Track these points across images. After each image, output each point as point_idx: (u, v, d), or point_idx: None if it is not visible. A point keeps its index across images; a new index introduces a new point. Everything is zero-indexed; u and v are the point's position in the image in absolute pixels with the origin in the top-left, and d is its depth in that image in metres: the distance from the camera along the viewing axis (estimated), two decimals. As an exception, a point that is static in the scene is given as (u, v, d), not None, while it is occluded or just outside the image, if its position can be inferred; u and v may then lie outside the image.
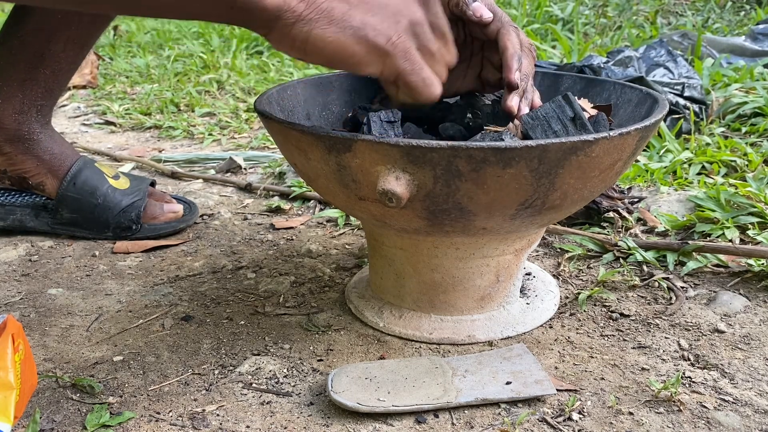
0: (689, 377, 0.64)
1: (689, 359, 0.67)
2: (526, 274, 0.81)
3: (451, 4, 0.71)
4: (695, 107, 1.33)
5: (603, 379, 0.64)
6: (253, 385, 0.64)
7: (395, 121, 0.67)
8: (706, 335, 0.71)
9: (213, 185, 1.23)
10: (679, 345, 0.69)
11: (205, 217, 1.07)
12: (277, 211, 1.09)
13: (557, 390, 0.62)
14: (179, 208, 1.01)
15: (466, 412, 0.60)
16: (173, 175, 1.28)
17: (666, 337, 0.71)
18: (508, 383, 0.61)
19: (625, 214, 0.96)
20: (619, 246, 0.88)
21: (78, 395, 0.63)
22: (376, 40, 0.54)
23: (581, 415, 0.59)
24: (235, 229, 1.03)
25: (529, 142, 0.54)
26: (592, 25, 2.49)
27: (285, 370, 0.66)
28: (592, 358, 0.68)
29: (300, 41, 0.52)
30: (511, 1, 2.72)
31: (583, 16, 2.56)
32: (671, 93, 1.31)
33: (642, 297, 0.79)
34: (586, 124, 0.63)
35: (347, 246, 0.95)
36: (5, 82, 0.92)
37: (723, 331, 0.72)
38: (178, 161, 1.36)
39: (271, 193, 1.17)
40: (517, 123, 0.66)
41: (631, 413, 0.59)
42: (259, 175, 1.28)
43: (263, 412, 0.60)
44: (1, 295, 0.82)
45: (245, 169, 1.31)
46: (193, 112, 1.76)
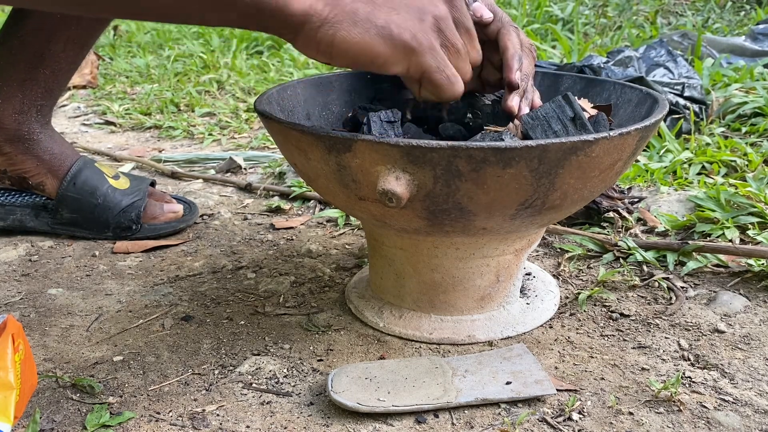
0: (689, 377, 0.64)
1: (689, 359, 0.67)
2: (526, 274, 0.81)
3: None
4: (695, 107, 1.33)
5: (603, 379, 0.64)
6: (253, 385, 0.64)
7: (395, 121, 0.67)
8: (706, 335, 0.71)
9: (213, 185, 1.23)
10: (679, 345, 0.69)
11: (205, 217, 1.07)
12: (277, 211, 1.09)
13: (557, 390, 0.62)
14: (179, 208, 1.01)
15: (466, 412, 0.60)
16: (173, 175, 1.28)
17: (666, 337, 0.71)
18: (508, 383, 0.61)
19: (625, 214, 0.96)
20: (619, 246, 0.88)
21: (78, 395, 0.63)
22: (402, 39, 0.53)
23: (581, 415, 0.59)
24: (235, 229, 1.02)
25: (529, 142, 0.54)
26: (592, 25, 2.49)
27: (285, 370, 0.66)
28: (592, 358, 0.68)
29: (325, 44, 0.52)
30: (511, 1, 2.72)
31: (583, 16, 2.56)
32: (671, 93, 1.31)
33: (642, 297, 0.79)
34: (586, 124, 0.63)
35: (347, 246, 0.95)
36: (5, 82, 0.92)
37: (723, 331, 0.72)
38: (178, 161, 1.36)
39: (271, 193, 1.17)
40: (517, 123, 0.66)
41: (631, 413, 0.59)
42: (259, 175, 1.28)
43: (263, 412, 0.60)
44: (1, 295, 0.82)
45: (245, 169, 1.31)
46: (193, 112, 1.76)
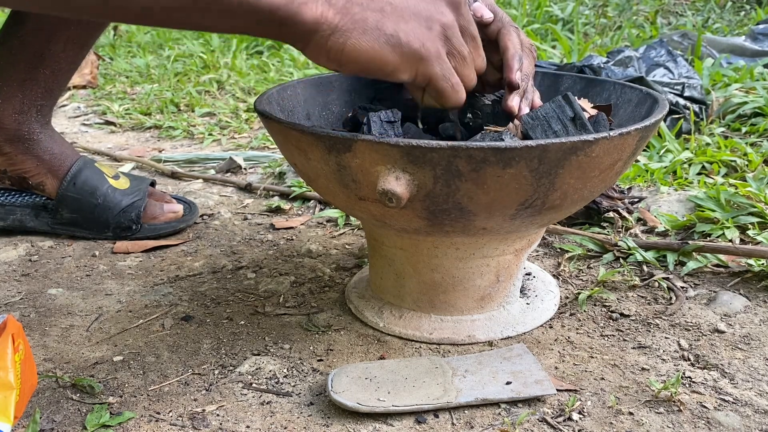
0: (689, 377, 0.64)
1: (689, 359, 0.67)
2: (526, 274, 0.81)
3: None
4: (695, 107, 1.33)
5: (603, 379, 0.64)
6: (253, 385, 0.64)
7: (395, 121, 0.67)
8: (706, 335, 0.71)
9: (213, 185, 1.23)
10: (679, 345, 0.69)
11: (205, 217, 1.07)
12: (277, 211, 1.09)
13: (557, 390, 0.62)
14: (179, 208, 1.01)
15: (466, 412, 0.60)
16: (173, 175, 1.28)
17: (666, 337, 0.71)
18: (508, 383, 0.61)
19: (625, 214, 0.96)
20: (619, 246, 0.88)
21: (78, 395, 0.63)
22: (411, 47, 0.54)
23: (581, 415, 0.59)
24: (235, 229, 1.02)
25: (529, 142, 0.54)
26: (592, 25, 2.49)
27: (285, 370, 0.66)
28: (592, 358, 0.68)
29: (336, 52, 0.52)
30: (511, 1, 2.72)
31: (583, 16, 2.56)
32: (671, 93, 1.31)
33: (642, 297, 0.79)
34: (586, 124, 0.63)
35: (347, 246, 0.95)
36: (5, 82, 0.92)
37: (723, 331, 0.72)
38: (178, 161, 1.36)
39: (271, 193, 1.17)
40: (517, 123, 0.66)
41: (631, 413, 0.59)
42: (259, 175, 1.28)
43: (263, 412, 0.60)
44: (1, 295, 0.82)
45: (245, 169, 1.31)
46: (193, 112, 1.76)
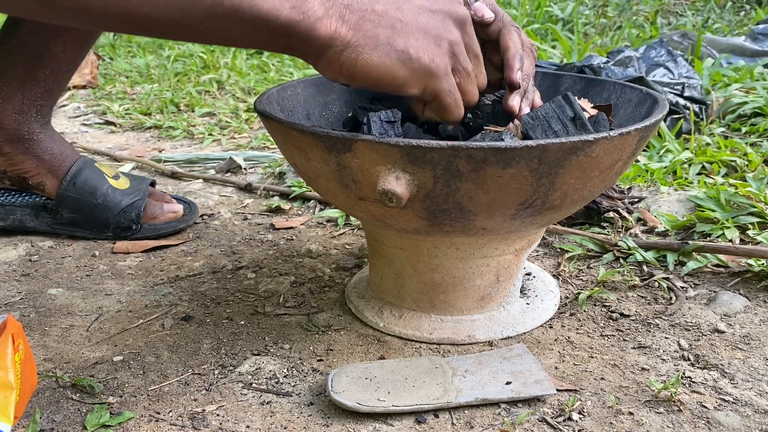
0: (689, 377, 0.64)
1: (689, 359, 0.67)
2: (526, 274, 0.81)
3: None
4: (695, 107, 1.33)
5: (603, 379, 0.64)
6: (253, 385, 0.64)
7: (395, 121, 0.67)
8: (706, 335, 0.71)
9: (213, 185, 1.23)
10: (679, 345, 0.69)
11: (205, 217, 1.07)
12: (277, 211, 1.09)
13: (557, 390, 0.62)
14: (179, 208, 1.01)
15: (466, 412, 0.60)
16: (173, 175, 1.28)
17: (666, 337, 0.71)
18: (508, 383, 0.61)
19: (625, 214, 0.96)
20: (619, 246, 0.88)
21: (78, 395, 0.63)
22: (421, 62, 0.55)
23: (581, 415, 0.59)
24: (235, 229, 1.02)
25: (529, 142, 0.54)
26: (592, 25, 2.49)
27: (285, 370, 0.66)
28: (592, 358, 0.68)
29: (348, 67, 0.54)
30: (511, 1, 2.72)
31: (583, 16, 2.56)
32: (671, 93, 1.31)
33: (642, 297, 0.79)
34: (586, 124, 0.63)
35: (347, 246, 0.95)
36: (5, 83, 0.92)
37: (723, 331, 0.72)
38: (178, 161, 1.36)
39: (271, 193, 1.17)
40: (517, 123, 0.66)
41: (631, 413, 0.59)
42: (259, 175, 1.28)
43: (263, 412, 0.60)
44: (1, 295, 0.82)
45: (245, 169, 1.31)
46: (193, 112, 1.76)
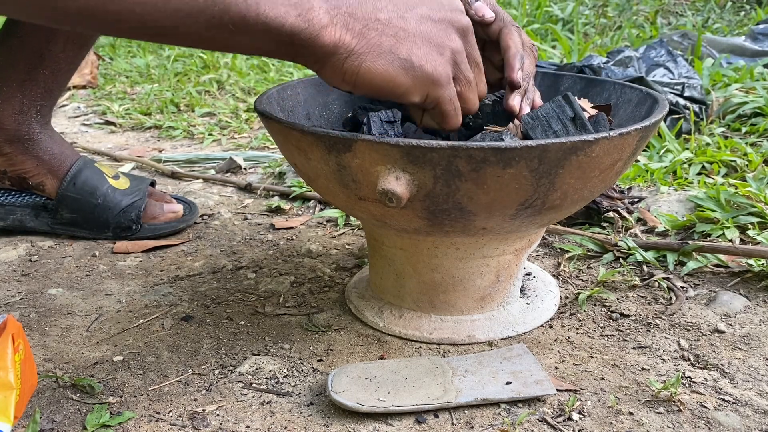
0: (689, 377, 0.64)
1: (689, 359, 0.67)
2: (526, 274, 0.81)
3: None
4: (695, 107, 1.33)
5: (603, 379, 0.64)
6: (253, 385, 0.64)
7: (395, 121, 0.67)
8: (706, 335, 0.71)
9: (213, 185, 1.23)
10: (679, 345, 0.69)
11: (205, 217, 1.07)
12: (277, 211, 1.09)
13: (557, 390, 0.62)
14: (179, 208, 1.01)
15: (466, 412, 0.60)
16: (173, 175, 1.28)
17: (666, 337, 0.71)
18: (508, 383, 0.61)
19: (625, 214, 0.96)
20: (619, 246, 0.88)
21: (78, 395, 0.63)
22: (424, 71, 0.55)
23: (581, 415, 0.59)
24: (235, 229, 1.02)
25: (529, 142, 0.54)
26: (592, 25, 2.49)
27: (285, 370, 0.66)
28: (592, 358, 0.68)
29: (351, 74, 0.54)
30: (511, 1, 2.72)
31: (583, 16, 2.56)
32: (671, 93, 1.31)
33: (642, 297, 0.79)
34: (586, 124, 0.63)
35: (347, 246, 0.95)
36: (5, 83, 0.92)
37: (723, 331, 0.72)
38: (178, 161, 1.36)
39: (271, 193, 1.17)
40: (517, 123, 0.66)
41: (631, 413, 0.59)
42: (259, 175, 1.28)
43: (263, 412, 0.60)
44: (1, 295, 0.82)
45: (245, 169, 1.31)
46: (193, 112, 1.76)
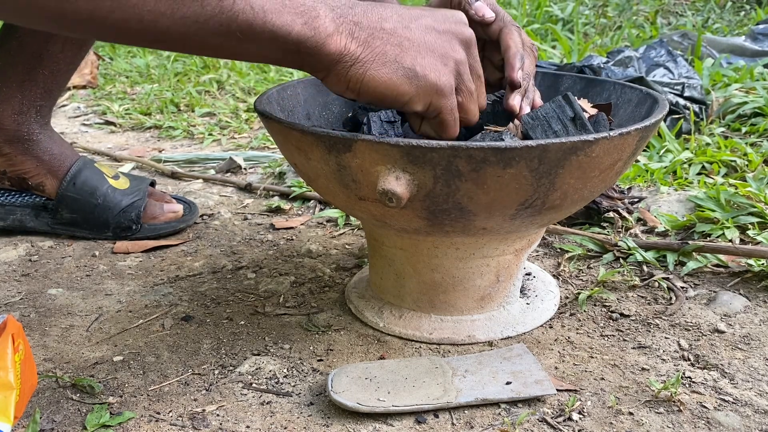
0: (689, 377, 0.64)
1: (689, 359, 0.67)
2: (526, 274, 0.81)
3: (453, 3, 0.71)
4: (695, 107, 1.33)
5: (603, 379, 0.64)
6: (253, 385, 0.64)
7: (395, 121, 0.67)
8: (706, 335, 0.71)
9: (213, 185, 1.23)
10: (679, 345, 0.69)
11: (205, 217, 1.07)
12: (277, 211, 1.09)
13: (557, 390, 0.62)
14: (179, 208, 1.01)
15: (466, 412, 0.60)
16: (173, 175, 1.28)
17: (666, 337, 0.71)
18: (508, 383, 0.61)
19: (625, 214, 0.96)
20: (619, 246, 0.88)
21: (78, 395, 0.63)
22: (428, 80, 0.56)
23: (581, 415, 0.59)
24: (235, 229, 1.02)
25: (529, 142, 0.54)
26: (592, 25, 2.49)
27: (285, 370, 0.66)
28: (592, 358, 0.68)
29: (355, 82, 0.54)
30: (511, 1, 2.72)
31: (583, 16, 2.56)
32: (671, 93, 1.31)
33: (642, 297, 0.79)
34: (586, 124, 0.63)
35: (347, 246, 0.95)
36: (4, 83, 0.92)
37: (723, 331, 0.72)
38: (178, 161, 1.36)
39: (271, 193, 1.17)
40: (517, 123, 0.66)
41: (631, 413, 0.59)
42: (259, 175, 1.28)
43: (263, 412, 0.60)
44: (1, 295, 0.82)
45: (245, 169, 1.31)
46: (193, 112, 1.76)
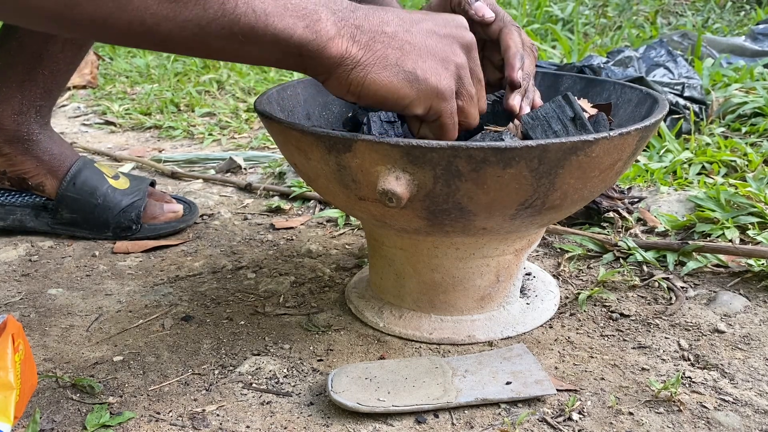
0: (689, 377, 0.64)
1: (689, 359, 0.67)
2: (526, 274, 0.81)
3: (453, 3, 0.71)
4: (695, 107, 1.33)
5: (603, 379, 0.64)
6: (253, 385, 0.64)
7: (395, 121, 0.67)
8: (706, 335, 0.71)
9: (213, 185, 1.23)
10: (679, 345, 0.69)
11: (205, 217, 1.07)
12: (277, 211, 1.09)
13: (557, 390, 0.62)
14: (179, 208, 1.01)
15: (466, 412, 0.60)
16: (173, 175, 1.28)
17: (666, 337, 0.71)
18: (508, 383, 0.61)
19: (625, 214, 0.96)
20: (619, 246, 0.88)
21: (78, 395, 0.63)
22: (428, 83, 0.56)
23: (581, 415, 0.59)
24: (235, 229, 1.02)
25: (529, 142, 0.54)
26: (592, 25, 2.49)
27: (285, 370, 0.66)
28: (592, 358, 0.68)
29: (356, 85, 0.54)
30: (511, 1, 2.72)
31: (583, 16, 2.56)
32: (671, 93, 1.31)
33: (642, 297, 0.79)
34: (586, 124, 0.63)
35: (347, 246, 0.95)
36: (4, 83, 0.92)
37: (723, 331, 0.72)
38: (178, 161, 1.36)
39: (271, 193, 1.17)
40: (517, 123, 0.66)
41: (631, 413, 0.59)
42: (259, 175, 1.28)
43: (263, 412, 0.60)
44: (1, 295, 0.82)
45: (245, 169, 1.31)
46: (193, 112, 1.76)
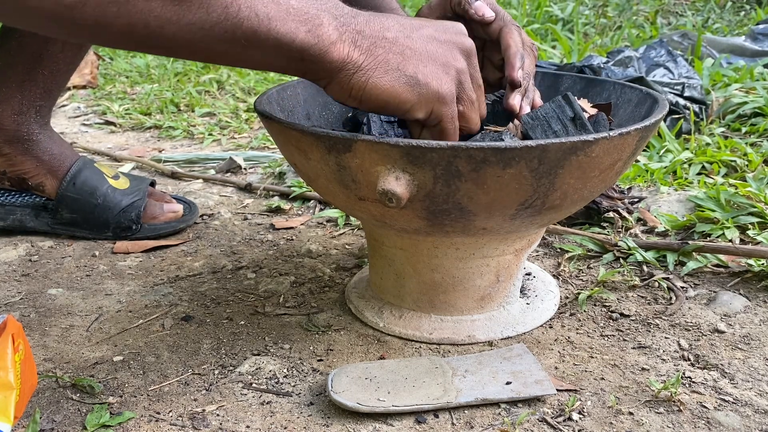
0: (689, 377, 0.64)
1: (689, 359, 0.67)
2: (526, 274, 0.81)
3: (453, 3, 0.71)
4: (695, 107, 1.33)
5: (603, 379, 0.64)
6: (253, 385, 0.64)
7: (395, 121, 0.67)
8: (706, 335, 0.71)
9: (213, 185, 1.23)
10: (679, 345, 0.69)
11: (205, 217, 1.07)
12: (277, 211, 1.09)
13: (557, 390, 0.62)
14: (179, 208, 1.01)
15: (466, 412, 0.60)
16: (173, 175, 1.28)
17: (666, 337, 0.71)
18: (508, 383, 0.61)
19: (625, 214, 0.96)
20: (619, 246, 0.88)
21: (78, 395, 0.63)
22: (429, 88, 0.56)
23: (581, 415, 0.59)
24: (235, 229, 1.02)
25: (529, 142, 0.54)
26: (592, 25, 2.49)
27: (285, 370, 0.66)
28: (592, 358, 0.68)
29: (357, 89, 0.54)
30: (511, 1, 2.72)
31: (583, 16, 2.56)
32: (671, 93, 1.31)
33: (642, 297, 0.79)
34: (586, 124, 0.63)
35: (347, 246, 0.95)
36: (4, 83, 0.92)
37: (723, 331, 0.72)
38: (178, 161, 1.36)
39: (271, 193, 1.17)
40: (517, 123, 0.66)
41: (631, 413, 0.59)
42: (259, 175, 1.28)
43: (263, 412, 0.60)
44: (1, 295, 0.82)
45: (245, 169, 1.31)
46: (193, 112, 1.76)
